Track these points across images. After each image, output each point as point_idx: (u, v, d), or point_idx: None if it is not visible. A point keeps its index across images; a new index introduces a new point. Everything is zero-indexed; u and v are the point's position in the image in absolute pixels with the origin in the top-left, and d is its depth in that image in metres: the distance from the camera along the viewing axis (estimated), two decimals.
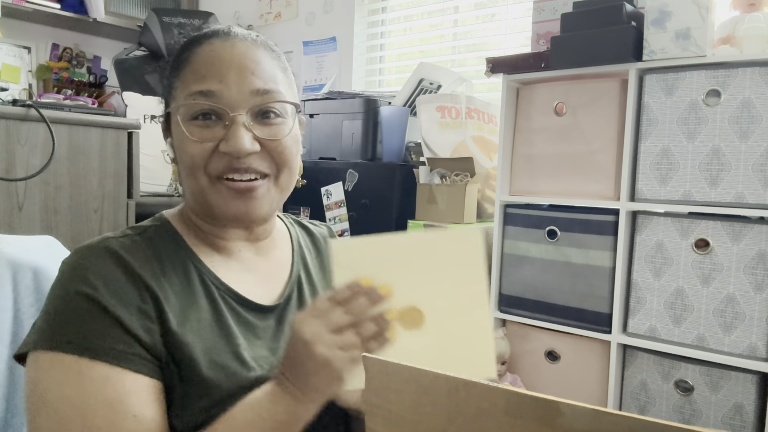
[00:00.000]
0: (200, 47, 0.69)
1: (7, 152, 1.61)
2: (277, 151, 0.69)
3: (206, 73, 0.67)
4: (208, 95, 0.66)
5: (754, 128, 1.34)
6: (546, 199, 1.70)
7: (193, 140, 0.66)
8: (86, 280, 0.62)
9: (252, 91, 0.67)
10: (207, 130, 0.67)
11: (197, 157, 0.67)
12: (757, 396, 1.35)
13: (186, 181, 0.70)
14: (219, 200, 0.68)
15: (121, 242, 0.66)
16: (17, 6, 2.53)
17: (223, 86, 0.66)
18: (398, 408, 0.50)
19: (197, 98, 0.66)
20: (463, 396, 0.46)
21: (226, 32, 0.71)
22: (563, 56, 1.55)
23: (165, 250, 0.69)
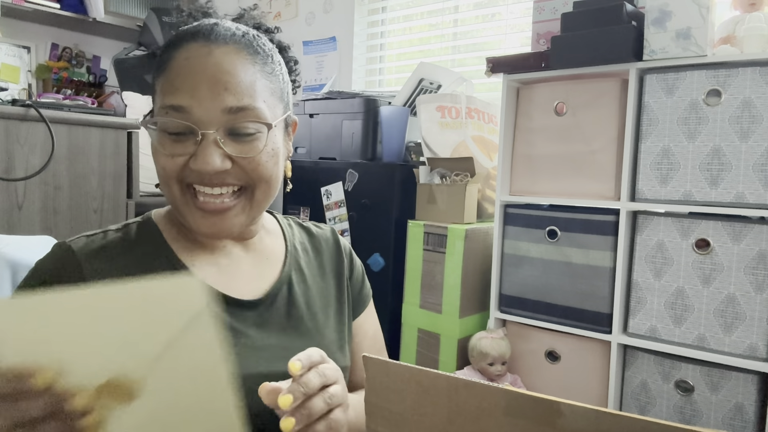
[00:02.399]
0: (177, 52, 0.67)
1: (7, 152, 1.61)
2: (251, 167, 0.67)
3: (179, 86, 0.65)
4: (179, 110, 0.64)
5: (755, 128, 1.34)
6: (546, 199, 1.70)
7: (164, 154, 0.65)
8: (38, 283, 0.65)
9: (224, 108, 0.64)
10: (178, 145, 0.65)
11: (168, 170, 0.66)
12: (757, 396, 1.35)
13: (162, 188, 0.69)
14: (189, 215, 0.68)
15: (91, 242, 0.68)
16: (17, 6, 2.53)
17: (194, 102, 0.64)
18: (398, 408, 0.50)
19: (169, 112, 0.65)
20: (463, 396, 0.46)
21: (207, 32, 0.67)
22: (563, 56, 1.55)
23: (140, 248, 0.70)
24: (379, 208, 2.04)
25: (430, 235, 1.88)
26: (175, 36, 0.69)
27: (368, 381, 0.52)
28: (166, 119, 0.65)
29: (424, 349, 1.89)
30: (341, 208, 2.14)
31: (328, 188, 2.17)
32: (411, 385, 0.49)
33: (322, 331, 0.78)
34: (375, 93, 2.32)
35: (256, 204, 0.70)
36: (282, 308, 0.76)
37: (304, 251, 0.84)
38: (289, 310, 0.76)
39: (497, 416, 0.44)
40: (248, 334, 0.70)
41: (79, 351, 0.45)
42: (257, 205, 0.70)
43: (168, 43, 0.69)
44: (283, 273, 0.78)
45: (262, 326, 0.72)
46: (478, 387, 0.45)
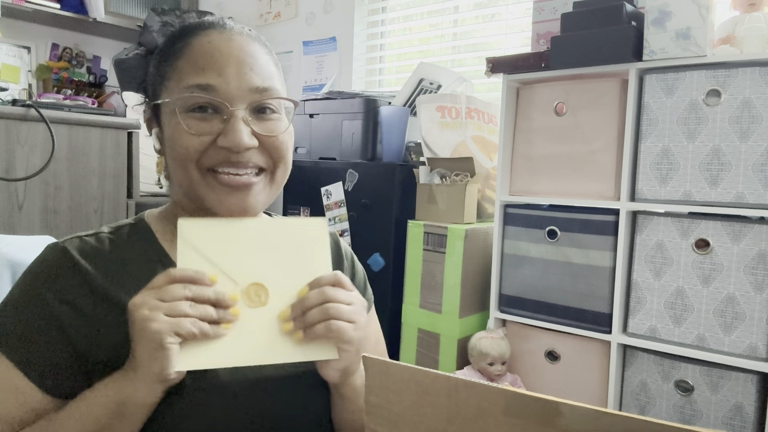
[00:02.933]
0: (197, 38, 0.68)
1: (7, 152, 1.61)
2: (275, 146, 0.69)
3: (205, 66, 0.66)
4: (207, 89, 0.65)
5: (754, 128, 1.34)
6: (546, 199, 1.70)
7: (190, 133, 0.65)
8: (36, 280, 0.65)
9: (251, 87, 0.67)
10: (204, 123, 0.66)
11: (192, 150, 0.66)
12: (757, 396, 1.35)
13: (176, 173, 0.69)
14: (211, 194, 0.67)
15: (83, 242, 0.68)
16: (17, 6, 2.53)
17: (222, 80, 0.66)
18: (398, 408, 0.50)
19: (195, 91, 0.65)
20: (463, 396, 0.46)
21: (222, 24, 0.70)
22: (563, 56, 1.55)
23: (133, 249, 0.70)
24: (379, 208, 2.04)
25: (430, 235, 1.88)
26: (188, 26, 0.71)
27: (368, 381, 0.52)
28: (197, 95, 0.65)
29: (424, 349, 1.89)
30: (341, 208, 2.15)
31: (328, 188, 2.17)
32: (411, 385, 0.49)
33: None
34: (375, 93, 2.32)
35: (276, 185, 0.72)
36: None
37: None
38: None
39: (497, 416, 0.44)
40: None
41: (236, 260, 0.63)
42: (276, 186, 0.72)
43: (180, 33, 0.70)
44: None
45: None
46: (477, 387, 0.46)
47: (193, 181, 0.67)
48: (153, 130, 0.73)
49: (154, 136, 0.73)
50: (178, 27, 0.73)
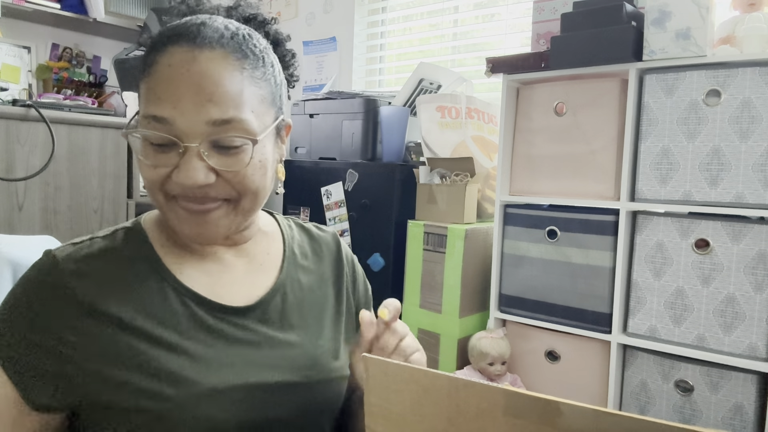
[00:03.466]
0: (161, 56, 0.63)
1: (7, 152, 1.61)
2: (236, 180, 0.64)
3: (161, 95, 0.61)
4: (161, 121, 0.61)
5: (754, 128, 1.34)
6: (546, 199, 1.70)
7: (147, 164, 0.64)
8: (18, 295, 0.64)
9: (208, 121, 0.61)
10: (162, 156, 0.63)
11: (151, 180, 0.64)
12: (757, 396, 1.35)
13: (147, 194, 0.68)
14: (174, 219, 0.66)
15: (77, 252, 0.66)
16: (17, 6, 2.53)
17: (176, 113, 0.61)
18: (398, 408, 0.50)
19: (151, 122, 0.62)
20: (463, 396, 0.46)
21: (193, 35, 0.63)
22: (563, 56, 1.55)
23: (126, 255, 0.68)
24: (379, 208, 2.04)
25: (430, 235, 1.88)
26: (159, 36, 0.65)
27: (368, 381, 0.52)
28: (148, 131, 0.62)
29: (424, 349, 1.89)
30: (341, 208, 2.15)
31: (328, 188, 2.17)
32: (411, 385, 0.49)
33: (314, 341, 0.75)
34: (375, 93, 2.32)
35: (242, 212, 0.68)
36: (274, 316, 0.73)
37: (303, 255, 0.81)
38: (281, 319, 0.73)
39: (497, 416, 0.44)
40: (236, 342, 0.68)
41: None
42: (243, 213, 0.68)
43: (152, 43, 0.65)
44: (278, 280, 0.75)
45: (251, 335, 0.70)
46: (477, 387, 0.46)
47: (161, 204, 0.66)
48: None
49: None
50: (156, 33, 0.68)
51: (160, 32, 0.66)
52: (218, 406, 0.64)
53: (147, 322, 0.64)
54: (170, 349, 0.64)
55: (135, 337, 0.63)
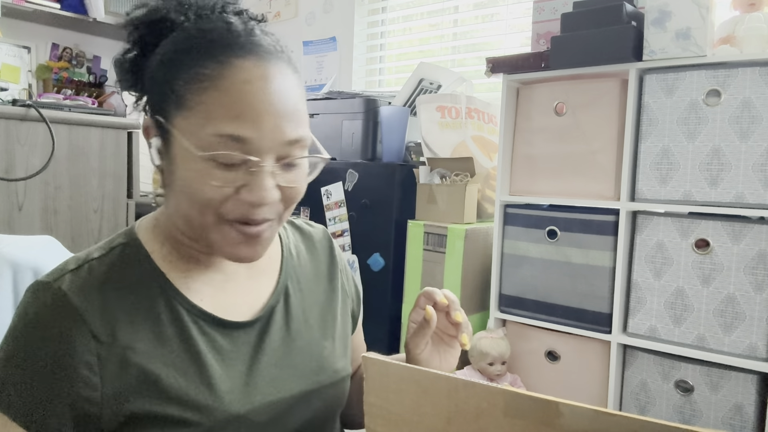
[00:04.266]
0: (229, 70, 0.59)
1: (7, 152, 1.61)
2: (293, 194, 0.64)
3: (240, 114, 0.58)
4: (240, 141, 0.58)
5: (754, 128, 1.34)
6: (546, 199, 1.70)
7: (211, 184, 0.59)
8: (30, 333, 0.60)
9: (284, 141, 0.60)
10: (228, 174, 0.59)
11: (213, 200, 0.60)
12: (757, 396, 1.35)
13: (185, 210, 0.63)
14: (223, 242, 0.63)
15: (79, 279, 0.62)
16: (17, 6, 2.53)
17: (257, 134, 0.58)
18: (398, 408, 0.50)
19: (227, 142, 0.58)
20: (462, 396, 0.46)
21: (254, 46, 0.61)
22: (563, 56, 1.55)
23: (129, 276, 0.64)
24: (379, 208, 2.04)
25: (430, 235, 1.88)
26: (208, 44, 0.60)
27: (368, 381, 0.52)
28: (227, 153, 0.58)
29: None
30: (341, 208, 2.15)
31: (328, 188, 2.17)
32: (410, 385, 0.49)
33: (319, 341, 0.75)
34: (375, 93, 2.32)
35: (280, 224, 0.67)
36: (280, 321, 0.72)
37: (298, 255, 0.80)
38: (287, 323, 0.73)
39: (497, 416, 0.44)
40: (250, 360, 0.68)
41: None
42: (282, 221, 0.67)
43: (205, 43, 0.60)
44: (279, 284, 0.74)
45: (260, 349, 0.69)
46: (477, 387, 0.46)
47: (208, 226, 0.62)
48: (153, 141, 0.65)
49: (155, 149, 0.65)
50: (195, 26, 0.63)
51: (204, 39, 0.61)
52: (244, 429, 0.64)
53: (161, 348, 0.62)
54: (188, 375, 0.62)
55: (151, 364, 0.61)
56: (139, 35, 0.65)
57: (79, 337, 0.59)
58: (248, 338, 0.68)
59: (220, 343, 0.66)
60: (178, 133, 0.60)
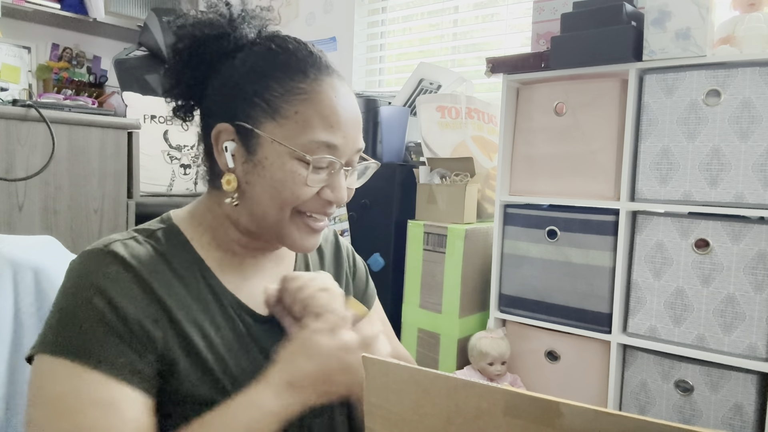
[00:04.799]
0: (320, 85, 0.68)
1: (7, 152, 1.61)
2: (348, 196, 0.73)
3: (334, 124, 0.67)
4: (332, 148, 0.67)
5: (754, 128, 1.34)
6: (546, 199, 1.70)
7: (303, 183, 0.67)
8: (94, 289, 0.61)
9: (356, 149, 0.71)
10: (316, 175, 0.67)
11: (300, 198, 0.67)
12: (757, 396, 1.35)
13: (264, 207, 0.68)
14: (296, 233, 0.70)
15: (128, 246, 0.65)
16: (17, 6, 2.53)
17: (345, 141, 0.68)
18: (398, 408, 0.50)
19: (321, 148, 0.66)
20: (462, 396, 0.46)
21: (330, 65, 0.71)
22: (563, 56, 1.55)
23: (173, 255, 0.68)
24: (379, 208, 2.04)
25: (430, 235, 1.88)
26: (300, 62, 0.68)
27: (368, 381, 0.52)
28: (326, 157, 0.67)
29: (424, 349, 1.89)
30: (341, 208, 2.15)
31: None
32: (410, 385, 0.49)
33: None
34: (375, 93, 2.32)
35: None
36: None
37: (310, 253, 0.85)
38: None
39: (496, 416, 0.44)
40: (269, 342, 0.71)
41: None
42: None
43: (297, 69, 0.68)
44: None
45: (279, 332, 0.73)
46: (477, 387, 0.46)
47: (283, 219, 0.69)
48: (227, 145, 0.69)
49: (228, 154, 0.69)
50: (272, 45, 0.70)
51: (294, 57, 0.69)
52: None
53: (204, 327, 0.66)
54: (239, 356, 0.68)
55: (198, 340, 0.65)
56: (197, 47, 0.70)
57: (135, 285, 0.63)
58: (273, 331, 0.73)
59: (254, 331, 0.71)
60: (269, 138, 0.67)
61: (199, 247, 0.71)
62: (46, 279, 0.85)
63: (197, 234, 0.72)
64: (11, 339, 0.82)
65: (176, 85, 0.72)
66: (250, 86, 0.68)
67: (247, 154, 0.68)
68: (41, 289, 0.85)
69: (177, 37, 0.70)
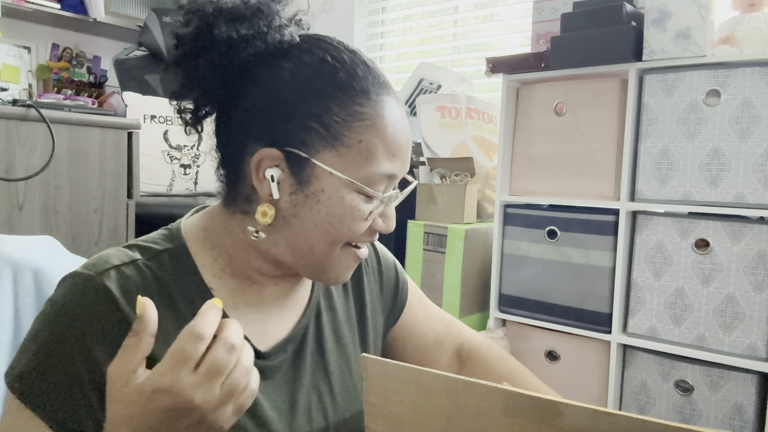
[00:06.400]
0: (384, 110, 0.60)
1: (7, 152, 1.61)
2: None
3: (396, 153, 0.61)
4: (393, 178, 0.62)
5: (754, 128, 1.34)
6: (546, 199, 1.70)
7: (362, 218, 0.61)
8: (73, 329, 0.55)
9: (407, 172, 0.66)
10: (369, 206, 0.61)
11: (357, 233, 0.61)
12: (757, 396, 1.35)
13: (311, 243, 0.61)
14: (340, 265, 0.64)
15: (122, 277, 0.57)
16: (17, 6, 2.53)
17: (402, 170, 0.64)
18: (398, 408, 0.50)
19: (384, 179, 0.61)
20: (462, 396, 0.46)
21: (387, 81, 0.64)
22: (563, 56, 1.55)
23: (177, 284, 0.60)
24: None
25: (430, 235, 1.88)
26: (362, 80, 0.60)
27: (368, 381, 0.52)
28: (395, 193, 0.63)
29: None
30: None
31: None
32: (410, 385, 0.49)
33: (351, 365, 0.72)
34: None
35: None
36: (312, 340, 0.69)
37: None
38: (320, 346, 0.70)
39: (496, 416, 0.44)
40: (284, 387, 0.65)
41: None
42: None
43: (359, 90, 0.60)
44: (311, 300, 0.72)
45: (296, 376, 0.67)
46: (477, 387, 0.46)
47: (332, 254, 0.62)
48: (272, 172, 0.59)
49: (275, 183, 0.59)
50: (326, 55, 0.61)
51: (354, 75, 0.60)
52: None
53: None
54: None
55: None
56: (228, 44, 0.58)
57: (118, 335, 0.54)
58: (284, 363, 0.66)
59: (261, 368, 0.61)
60: (328, 170, 0.59)
61: (210, 276, 0.63)
62: (46, 279, 0.85)
63: (209, 259, 0.64)
64: (11, 339, 0.82)
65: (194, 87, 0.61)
66: (306, 107, 0.58)
67: (298, 185, 0.59)
68: (41, 289, 0.84)
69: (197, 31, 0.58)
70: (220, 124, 0.64)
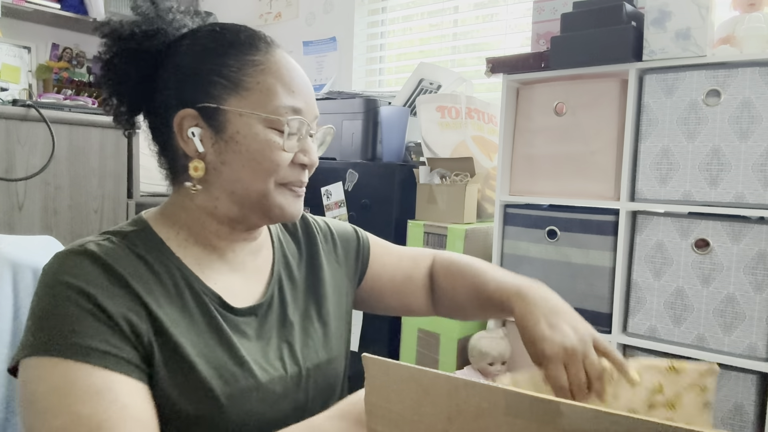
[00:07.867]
0: (273, 56, 0.70)
1: (7, 152, 1.61)
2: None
3: (295, 89, 0.70)
4: (297, 111, 0.69)
5: (754, 128, 1.34)
6: (546, 199, 1.70)
7: (281, 149, 0.68)
8: (71, 283, 0.60)
9: (315, 114, 0.73)
10: (289, 141, 0.69)
11: (280, 165, 0.68)
12: (757, 396, 1.35)
13: (246, 183, 0.68)
14: (283, 203, 0.70)
15: (102, 246, 0.64)
16: (17, 6, 2.53)
17: (306, 106, 0.70)
18: (398, 408, 0.50)
19: (289, 112, 0.68)
20: (463, 396, 0.46)
21: (270, 38, 0.73)
22: (563, 56, 1.55)
23: (150, 255, 0.67)
24: (379, 208, 2.04)
25: (430, 235, 1.88)
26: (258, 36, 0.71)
27: (368, 381, 0.52)
28: (299, 118, 0.69)
29: (424, 349, 1.89)
30: (341, 208, 2.15)
31: (328, 188, 2.17)
32: (411, 384, 0.49)
33: (312, 325, 0.79)
34: (375, 93, 2.32)
35: None
36: (276, 309, 0.76)
37: (284, 244, 0.84)
38: (284, 313, 0.77)
39: (497, 416, 0.44)
40: (257, 339, 0.72)
41: None
42: None
43: (248, 44, 0.70)
44: (273, 272, 0.79)
45: (263, 329, 0.73)
46: (477, 387, 0.46)
47: (269, 191, 0.69)
48: (194, 130, 0.68)
49: (197, 138, 0.68)
50: (214, 28, 0.72)
51: (241, 34, 0.70)
52: (263, 401, 0.67)
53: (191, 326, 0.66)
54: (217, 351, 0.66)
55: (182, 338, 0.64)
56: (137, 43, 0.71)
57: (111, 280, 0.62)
58: (252, 320, 0.72)
59: (235, 322, 0.70)
60: (238, 112, 0.67)
61: (175, 246, 0.70)
62: None
63: (172, 233, 0.71)
64: (11, 339, 0.82)
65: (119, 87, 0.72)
66: (206, 66, 0.68)
67: (216, 134, 0.68)
68: None
69: (112, 41, 0.72)
70: (148, 117, 0.74)
